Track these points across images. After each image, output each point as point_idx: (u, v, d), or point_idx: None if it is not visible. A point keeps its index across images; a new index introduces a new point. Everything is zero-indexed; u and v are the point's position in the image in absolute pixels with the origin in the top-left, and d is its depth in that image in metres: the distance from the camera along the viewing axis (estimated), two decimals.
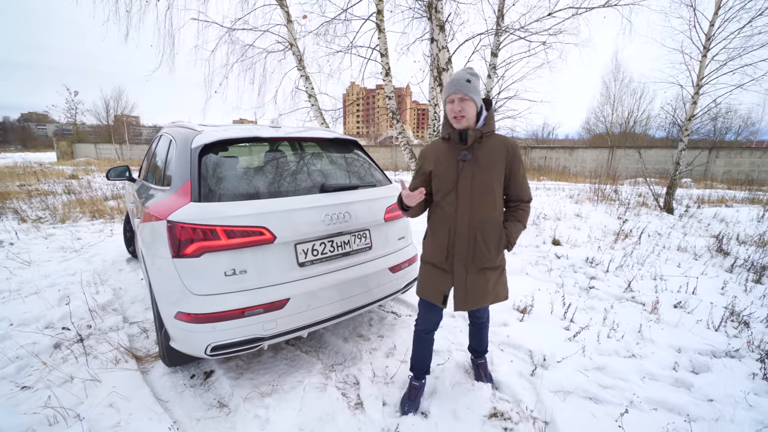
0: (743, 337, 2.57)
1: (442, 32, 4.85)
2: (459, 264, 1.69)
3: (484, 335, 2.08)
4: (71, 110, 31.26)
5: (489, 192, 1.63)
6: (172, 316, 1.81)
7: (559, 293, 3.28)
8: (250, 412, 1.86)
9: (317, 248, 2.03)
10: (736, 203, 8.50)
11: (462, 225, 1.66)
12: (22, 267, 3.92)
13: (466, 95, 1.57)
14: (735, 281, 3.63)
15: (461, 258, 1.68)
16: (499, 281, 1.78)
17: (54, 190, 9.04)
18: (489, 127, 1.65)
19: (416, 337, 1.93)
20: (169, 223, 1.77)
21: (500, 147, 1.63)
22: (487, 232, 1.66)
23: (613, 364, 2.26)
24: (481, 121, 1.66)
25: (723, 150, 15.94)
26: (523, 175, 1.70)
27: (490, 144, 1.64)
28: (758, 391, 2.03)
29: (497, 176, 1.63)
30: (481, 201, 1.63)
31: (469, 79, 1.59)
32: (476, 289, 1.71)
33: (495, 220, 1.67)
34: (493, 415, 1.84)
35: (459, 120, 1.61)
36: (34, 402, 1.91)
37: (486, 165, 1.62)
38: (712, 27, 6.81)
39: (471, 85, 1.59)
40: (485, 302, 1.74)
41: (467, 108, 1.59)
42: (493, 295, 1.76)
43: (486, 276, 1.70)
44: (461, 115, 1.60)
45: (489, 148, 1.63)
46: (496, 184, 1.64)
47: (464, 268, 1.69)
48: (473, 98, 1.59)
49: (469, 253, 1.67)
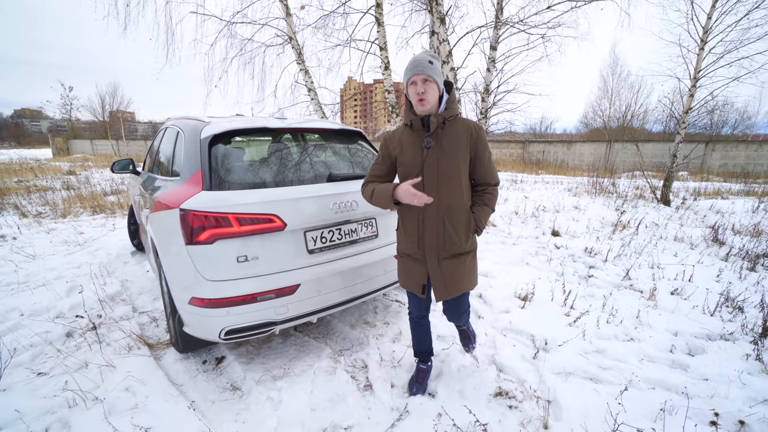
0: (737, 321, 2.66)
1: (443, 25, 4.86)
2: (430, 253, 1.68)
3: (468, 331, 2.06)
4: (66, 106, 30.95)
5: (455, 177, 1.60)
6: (186, 302, 1.86)
7: (559, 281, 3.36)
8: (263, 394, 1.92)
9: (325, 236, 2.08)
10: (731, 195, 8.61)
11: (430, 213, 1.63)
12: (27, 260, 3.95)
13: (429, 76, 1.53)
14: (730, 269, 3.72)
15: (432, 246, 1.67)
16: (473, 265, 1.76)
17: (53, 186, 9.02)
18: (451, 111, 1.61)
19: (412, 324, 1.98)
20: (182, 211, 1.82)
21: (463, 131, 1.60)
22: (456, 218, 1.64)
23: (612, 348, 2.33)
24: (443, 105, 1.62)
25: (719, 143, 16.07)
26: (489, 158, 1.67)
27: (453, 128, 1.60)
28: (751, 370, 2.11)
29: (462, 161, 1.60)
30: (448, 187, 1.60)
31: (431, 60, 1.55)
32: (452, 275, 1.69)
33: (463, 206, 1.64)
34: (498, 394, 1.91)
35: (422, 102, 1.55)
36: (52, 387, 1.96)
37: (450, 150, 1.58)
38: (710, 20, 6.86)
39: (433, 67, 1.55)
40: (464, 287, 1.73)
41: (429, 90, 1.55)
42: (470, 279, 1.75)
43: (459, 261, 1.69)
44: (424, 97, 1.55)
45: (452, 133, 1.60)
46: (461, 169, 1.61)
47: (435, 256, 1.67)
48: (436, 80, 1.55)
49: (439, 240, 1.65)
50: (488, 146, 1.67)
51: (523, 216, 5.91)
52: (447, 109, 1.61)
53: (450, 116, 1.60)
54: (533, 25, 7.74)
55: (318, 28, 7.55)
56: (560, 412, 1.79)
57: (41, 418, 1.73)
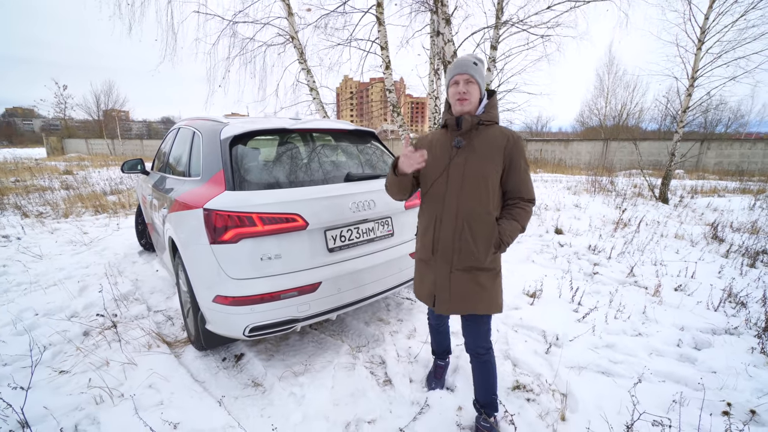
0: (741, 316, 2.74)
1: (448, 25, 4.90)
2: (442, 259, 1.56)
3: (489, 379, 1.66)
4: (60, 105, 30.61)
5: (482, 182, 1.48)
6: (210, 300, 1.89)
7: (566, 278, 3.42)
8: (286, 390, 1.96)
9: (345, 234, 2.12)
10: (728, 193, 8.75)
11: (449, 215, 1.53)
12: (35, 260, 3.95)
13: (472, 77, 1.49)
14: (731, 265, 3.81)
15: (445, 252, 1.54)
16: (491, 287, 1.55)
17: (51, 186, 8.96)
18: (489, 115, 1.54)
19: (430, 328, 1.98)
20: (205, 211, 1.85)
21: (500, 136, 1.50)
22: (477, 225, 1.49)
23: (621, 342, 2.40)
24: (481, 108, 1.56)
25: (714, 142, 16.28)
26: (525, 171, 1.53)
27: (489, 133, 1.52)
28: (757, 363, 2.19)
29: (493, 166, 1.48)
30: (473, 190, 1.49)
31: (475, 62, 1.51)
32: (461, 290, 1.53)
33: (486, 214, 1.50)
34: (516, 388, 1.97)
35: (462, 102, 1.50)
36: (75, 384, 1.99)
37: (482, 153, 1.49)
38: (707, 20, 6.96)
39: (477, 69, 1.51)
40: (474, 307, 1.54)
41: (472, 91, 1.50)
42: (484, 302, 1.54)
43: (473, 277, 1.52)
44: (465, 97, 1.50)
45: (487, 137, 1.51)
46: (491, 175, 1.48)
47: (448, 263, 1.54)
48: (478, 82, 1.51)
49: (455, 246, 1.52)
50: (526, 160, 1.54)
51: None
52: (485, 113, 1.54)
53: (487, 120, 1.53)
54: (533, 25, 7.80)
55: (319, 27, 7.56)
56: (576, 405, 1.85)
57: (70, 415, 1.76)
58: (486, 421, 1.64)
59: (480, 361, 1.65)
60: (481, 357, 1.64)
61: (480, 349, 1.64)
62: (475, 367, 1.67)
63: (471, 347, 1.66)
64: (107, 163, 17.28)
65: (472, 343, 1.65)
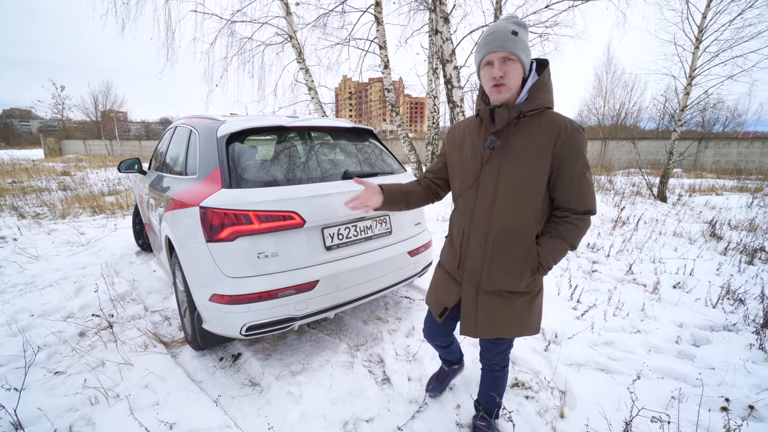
0: (739, 313, 2.73)
1: (447, 24, 4.90)
2: (470, 280, 1.31)
3: (497, 390, 1.55)
4: (58, 106, 30.50)
5: (520, 192, 1.18)
6: (207, 299, 1.88)
7: (565, 276, 3.42)
8: (283, 389, 1.94)
9: (342, 232, 2.11)
10: (725, 191, 8.77)
11: (477, 232, 1.27)
12: (31, 261, 3.92)
13: (511, 54, 1.10)
14: (729, 263, 3.81)
15: (473, 273, 1.30)
16: (527, 310, 1.31)
17: (48, 187, 8.92)
18: (535, 102, 1.15)
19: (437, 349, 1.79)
20: (202, 209, 1.83)
21: (547, 131, 1.13)
22: (509, 245, 1.22)
23: (620, 339, 2.39)
24: (524, 92, 1.17)
25: (712, 141, 16.34)
26: (582, 175, 1.16)
27: (533, 125, 1.15)
28: (755, 359, 2.18)
29: (537, 172, 1.15)
30: (507, 203, 1.19)
31: (515, 30, 1.11)
32: (490, 315, 1.31)
33: (523, 231, 1.21)
34: (515, 385, 1.96)
35: (499, 89, 1.14)
36: (70, 385, 1.97)
37: (522, 156, 1.16)
38: (705, 19, 6.98)
39: (517, 39, 1.11)
40: (504, 332, 1.33)
41: (512, 73, 1.12)
42: (517, 325, 1.32)
43: (505, 301, 1.29)
44: (503, 82, 1.13)
45: (530, 132, 1.15)
46: (532, 183, 1.17)
47: (474, 285, 1.30)
48: (521, 58, 1.12)
49: (483, 268, 1.27)
50: (586, 159, 1.16)
51: None
52: (528, 100, 1.16)
53: (532, 109, 1.15)
54: (531, 24, 7.82)
55: (317, 26, 7.55)
56: (575, 402, 1.84)
57: (64, 416, 1.74)
58: (484, 420, 1.60)
59: (492, 376, 1.54)
60: (494, 372, 1.53)
61: (495, 366, 1.52)
62: (486, 377, 1.57)
63: (486, 361, 1.53)
64: (105, 164, 17.23)
65: (489, 359, 1.51)
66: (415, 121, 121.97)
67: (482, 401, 1.61)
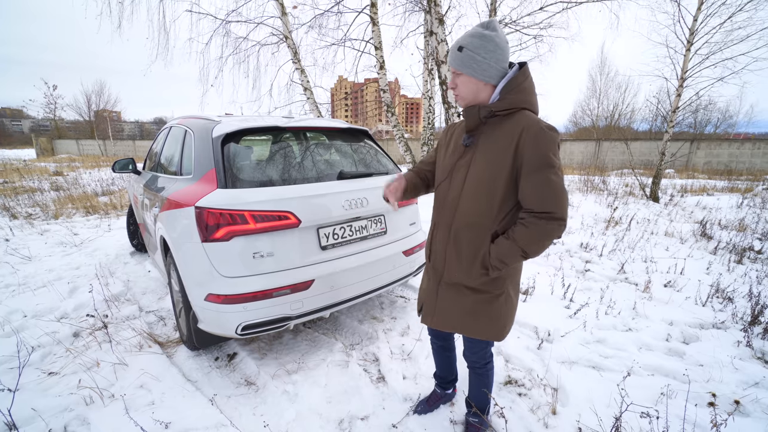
0: (728, 311, 2.79)
1: (442, 25, 4.93)
2: (433, 269, 1.43)
3: (484, 386, 1.57)
4: (50, 105, 30.18)
5: (482, 188, 1.23)
6: (202, 299, 1.88)
7: (558, 276, 3.46)
8: (279, 388, 1.96)
9: (337, 232, 2.13)
10: (716, 192, 8.89)
11: (443, 224, 1.36)
12: (23, 262, 3.89)
13: (456, 69, 1.25)
14: (719, 262, 3.88)
15: (437, 264, 1.40)
16: (485, 311, 1.32)
17: (41, 187, 8.83)
18: (506, 102, 1.19)
19: (432, 346, 1.77)
20: (197, 209, 1.84)
21: (512, 131, 1.17)
22: (464, 240, 1.29)
23: (612, 337, 2.43)
24: (496, 93, 1.22)
25: (703, 142, 16.55)
26: (546, 175, 1.13)
27: (502, 126, 1.20)
28: (743, 356, 2.23)
29: (499, 171, 1.19)
30: (471, 199, 1.26)
31: (461, 46, 1.21)
32: (446, 307, 1.39)
33: (479, 228, 1.25)
34: (508, 382, 1.99)
35: (456, 98, 1.31)
36: (64, 386, 1.96)
37: (488, 152, 1.22)
38: (696, 22, 7.08)
39: (464, 55, 1.20)
40: (460, 329, 1.38)
41: (461, 85, 1.26)
42: (475, 325, 1.35)
43: (462, 296, 1.34)
44: (456, 93, 1.30)
45: (498, 132, 1.21)
46: (493, 181, 1.20)
47: (438, 275, 1.40)
48: (464, 71, 1.22)
49: (445, 259, 1.36)
50: (550, 159, 1.13)
51: None
52: (500, 100, 1.20)
53: (503, 109, 1.19)
54: (526, 26, 7.89)
55: (313, 27, 7.56)
56: (567, 399, 1.87)
57: (59, 416, 1.74)
58: (476, 416, 1.62)
59: (475, 373, 1.57)
60: (476, 370, 1.55)
61: (475, 364, 1.54)
62: (471, 375, 1.60)
63: (467, 358, 1.56)
64: (99, 164, 17.08)
65: (469, 356, 1.54)
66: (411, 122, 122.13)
67: (472, 398, 1.63)
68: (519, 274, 1.42)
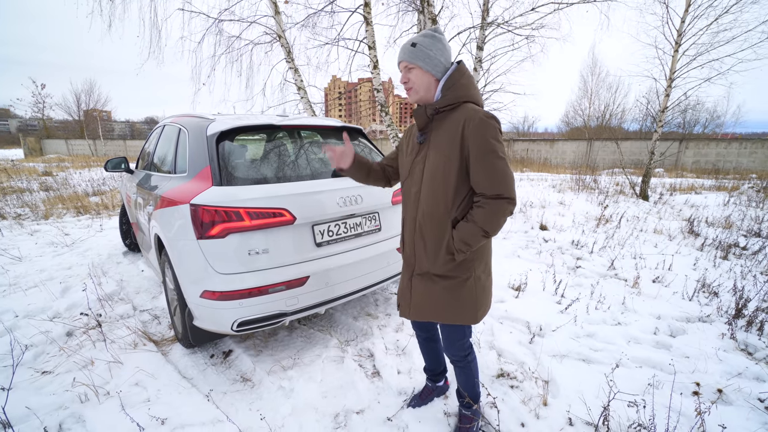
0: (713, 305, 2.86)
1: (435, 25, 4.97)
2: (406, 262, 1.52)
3: (468, 379, 1.60)
4: (38, 104, 29.64)
5: (438, 179, 1.32)
6: (198, 296, 1.89)
7: (550, 272, 3.52)
8: (275, 383, 1.97)
9: (332, 229, 2.15)
10: (704, 190, 9.07)
11: (408, 220, 1.46)
12: (13, 262, 3.84)
13: (409, 62, 1.32)
14: (705, 258, 3.97)
15: (408, 257, 1.50)
16: (456, 296, 1.38)
17: (30, 188, 8.69)
18: (447, 98, 1.30)
19: (417, 339, 1.81)
20: (192, 206, 1.85)
21: (457, 122, 1.27)
22: (429, 230, 1.37)
23: (601, 331, 2.49)
24: (437, 92, 1.33)
25: (692, 141, 16.84)
26: (489, 160, 1.23)
27: (448, 120, 1.31)
28: (726, 348, 2.30)
29: (449, 160, 1.28)
30: (430, 191, 1.35)
31: (414, 42, 1.30)
32: (419, 297, 1.45)
33: (438, 216, 1.34)
34: (501, 375, 2.03)
35: (409, 92, 1.37)
36: (59, 384, 1.96)
37: (437, 147, 1.32)
38: (683, 23, 7.22)
39: (415, 51, 1.30)
40: (435, 316, 1.42)
41: (415, 78, 1.33)
42: (448, 310, 1.39)
43: (432, 284, 1.40)
44: (409, 86, 1.36)
45: (445, 126, 1.31)
46: (446, 171, 1.30)
47: (410, 267, 1.49)
48: (419, 65, 1.30)
49: (414, 252, 1.45)
50: (493, 144, 1.23)
51: None
52: (442, 98, 1.32)
53: (446, 105, 1.31)
54: (518, 26, 7.96)
55: (306, 26, 7.55)
56: (557, 391, 1.92)
57: (54, 414, 1.74)
58: (468, 407, 1.65)
59: (457, 366, 1.59)
60: (457, 364, 1.57)
61: (453, 357, 1.56)
62: (455, 368, 1.62)
63: (447, 353, 1.59)
64: (89, 163, 16.83)
65: (446, 349, 1.57)
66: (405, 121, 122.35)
67: (461, 388, 1.65)
68: (488, 258, 1.47)
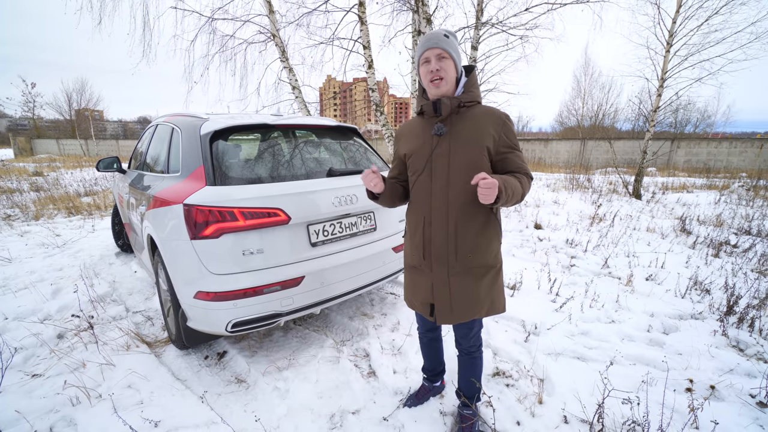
0: (705, 302, 2.90)
1: (429, 25, 4.97)
2: (438, 263, 1.40)
3: (475, 371, 1.62)
4: (29, 104, 29.20)
5: (472, 170, 1.30)
6: (191, 296, 1.87)
7: (544, 271, 3.54)
8: (270, 384, 1.96)
9: (327, 229, 2.14)
10: (696, 189, 9.18)
11: (438, 214, 1.37)
12: (3, 264, 3.78)
13: (444, 51, 1.30)
14: (697, 256, 4.02)
15: (441, 255, 1.39)
16: (494, 286, 1.43)
17: (20, 188, 8.56)
18: (470, 95, 1.36)
19: (420, 339, 1.81)
20: (186, 206, 1.83)
21: (487, 117, 1.33)
22: (470, 218, 1.34)
23: (595, 329, 2.51)
24: (460, 88, 1.37)
25: (684, 141, 17.04)
26: (519, 155, 1.37)
27: (473, 114, 1.35)
28: (718, 345, 2.33)
29: (484, 150, 1.32)
30: (461, 181, 1.33)
31: (446, 34, 1.32)
32: (463, 295, 1.39)
33: (478, 205, 1.34)
34: (497, 374, 2.03)
35: (437, 84, 1.33)
36: (49, 387, 1.93)
37: (468, 138, 1.32)
38: (674, 24, 7.30)
39: (449, 41, 1.32)
40: (477, 313, 1.41)
41: (446, 68, 1.31)
42: (487, 303, 1.42)
43: (476, 278, 1.38)
44: (439, 76, 1.32)
45: (472, 119, 1.34)
46: (481, 161, 1.32)
47: (445, 267, 1.39)
48: (453, 57, 1.32)
49: (450, 249, 1.37)
50: (516, 140, 1.37)
51: (506, 211, 6.12)
52: (465, 93, 1.36)
53: (469, 101, 1.35)
54: (512, 26, 7.99)
55: (300, 25, 7.51)
56: (552, 388, 1.92)
57: (44, 417, 1.71)
58: (468, 407, 1.65)
59: (470, 358, 1.60)
60: (471, 354, 1.60)
61: (472, 348, 1.58)
62: (463, 362, 1.63)
63: (463, 346, 1.60)
64: (80, 164, 16.61)
65: (465, 342, 1.58)
66: (400, 121, 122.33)
67: (463, 387, 1.65)
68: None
